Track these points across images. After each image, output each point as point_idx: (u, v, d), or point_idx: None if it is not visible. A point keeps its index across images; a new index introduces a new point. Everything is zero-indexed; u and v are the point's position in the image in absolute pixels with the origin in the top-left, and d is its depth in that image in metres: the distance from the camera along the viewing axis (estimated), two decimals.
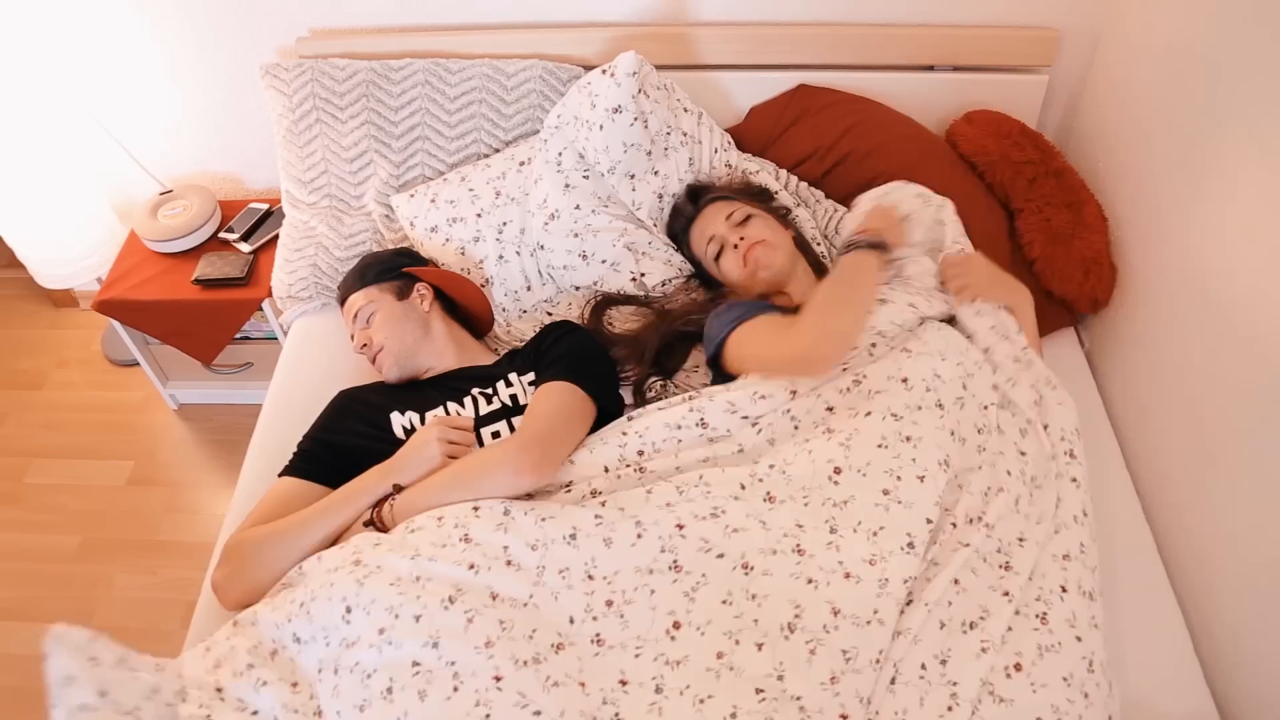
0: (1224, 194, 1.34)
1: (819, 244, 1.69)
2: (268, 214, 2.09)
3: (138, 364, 2.37)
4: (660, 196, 1.67)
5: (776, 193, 1.70)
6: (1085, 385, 1.64)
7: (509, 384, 1.45)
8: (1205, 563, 1.34)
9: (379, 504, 1.30)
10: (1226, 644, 1.29)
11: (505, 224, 1.67)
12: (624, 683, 1.09)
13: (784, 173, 1.76)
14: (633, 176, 1.63)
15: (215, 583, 1.28)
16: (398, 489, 1.30)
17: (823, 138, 1.73)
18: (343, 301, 1.59)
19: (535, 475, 1.25)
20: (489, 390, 1.44)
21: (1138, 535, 1.43)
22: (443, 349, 1.54)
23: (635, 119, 1.57)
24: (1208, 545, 1.34)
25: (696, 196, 1.64)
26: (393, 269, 1.58)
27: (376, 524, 1.28)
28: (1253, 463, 1.25)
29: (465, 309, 1.64)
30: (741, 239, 1.52)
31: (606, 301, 1.65)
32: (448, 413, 1.42)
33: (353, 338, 1.55)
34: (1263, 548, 1.22)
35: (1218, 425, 1.33)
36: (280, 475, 1.39)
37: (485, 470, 1.25)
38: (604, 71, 1.58)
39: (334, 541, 1.29)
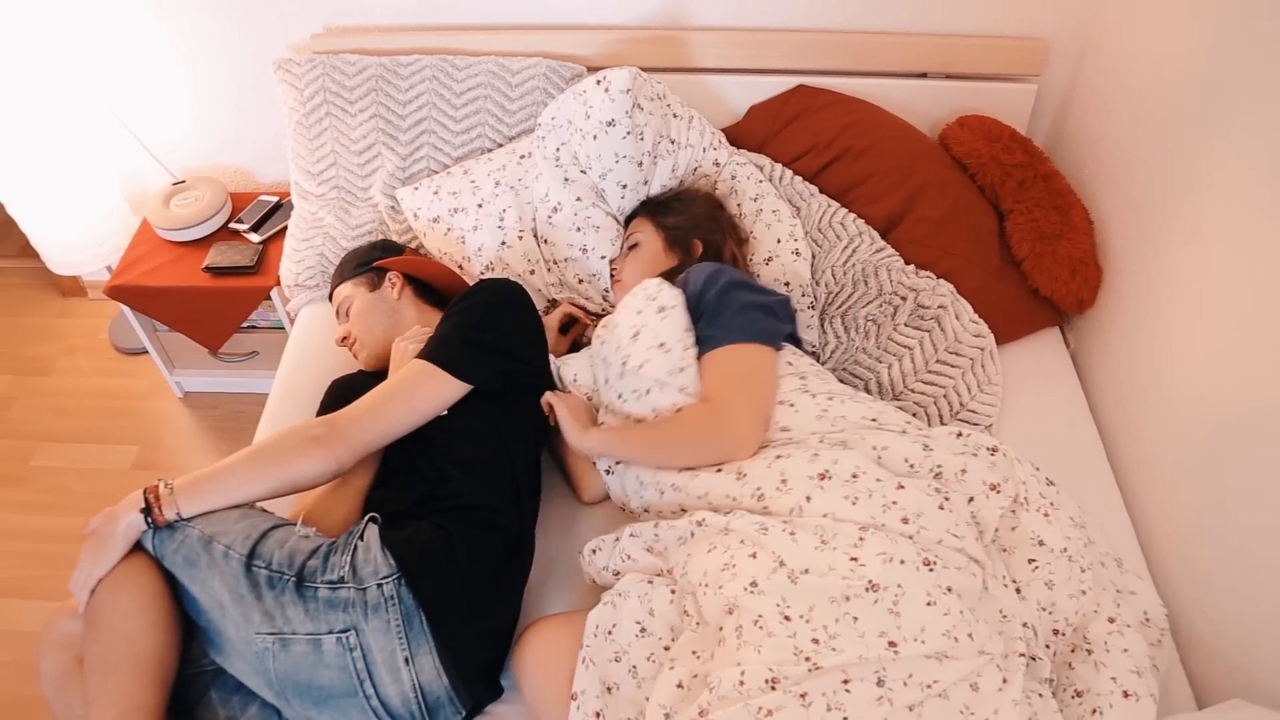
0: (1204, 198, 1.38)
1: (796, 239, 1.69)
2: (277, 206, 2.14)
3: (144, 352, 2.41)
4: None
5: (756, 197, 1.73)
6: (1070, 385, 1.67)
7: None
8: (1188, 560, 1.37)
9: (153, 491, 1.18)
10: (1208, 637, 1.31)
11: (505, 210, 1.72)
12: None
13: (778, 167, 1.80)
14: (624, 186, 1.68)
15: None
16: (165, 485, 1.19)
17: (820, 135, 1.78)
18: (331, 299, 1.65)
19: (334, 462, 1.21)
20: None
21: (1121, 533, 1.46)
22: None
23: (628, 133, 1.61)
24: (1191, 543, 1.36)
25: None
26: (366, 263, 1.62)
27: (153, 508, 1.16)
28: (1235, 459, 1.28)
29: (443, 291, 1.67)
30: (614, 271, 1.67)
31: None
32: None
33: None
34: (1244, 543, 1.25)
35: (1200, 424, 1.36)
36: None
37: (286, 459, 1.20)
38: (598, 83, 1.62)
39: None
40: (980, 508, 1.25)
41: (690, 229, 1.61)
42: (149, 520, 1.16)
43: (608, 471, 1.43)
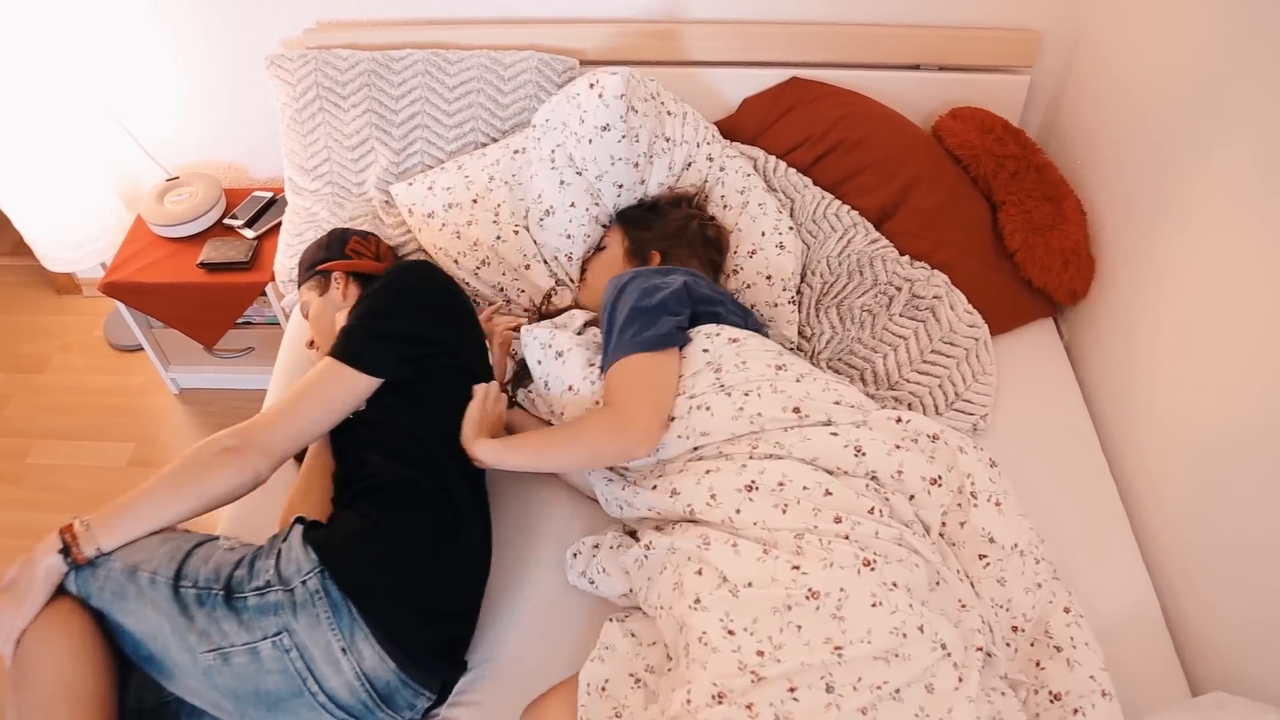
0: (1196, 188, 1.39)
1: (781, 233, 1.68)
2: (271, 202, 2.13)
3: (139, 349, 2.41)
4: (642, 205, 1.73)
5: (745, 189, 1.73)
6: (1064, 375, 1.68)
7: None
8: (1181, 550, 1.38)
9: (68, 531, 1.14)
10: (1203, 628, 1.32)
11: (500, 205, 1.72)
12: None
13: (772, 159, 1.80)
14: (620, 186, 1.68)
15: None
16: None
17: (813, 127, 1.78)
18: None
19: (251, 471, 1.19)
20: None
21: (1115, 522, 1.47)
22: None
23: (624, 137, 1.61)
24: (1185, 532, 1.37)
25: None
26: (312, 266, 1.60)
27: (71, 547, 1.13)
28: (1228, 449, 1.29)
29: None
30: (584, 269, 1.69)
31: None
32: None
33: None
34: (1238, 532, 1.26)
35: (1194, 413, 1.37)
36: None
37: (201, 475, 1.17)
38: (591, 86, 1.61)
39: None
40: (921, 506, 1.22)
41: (652, 241, 1.60)
42: (68, 560, 1.13)
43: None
